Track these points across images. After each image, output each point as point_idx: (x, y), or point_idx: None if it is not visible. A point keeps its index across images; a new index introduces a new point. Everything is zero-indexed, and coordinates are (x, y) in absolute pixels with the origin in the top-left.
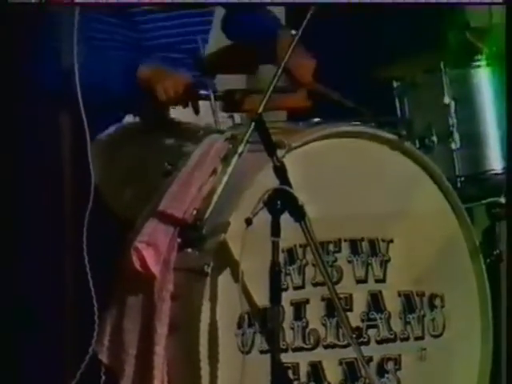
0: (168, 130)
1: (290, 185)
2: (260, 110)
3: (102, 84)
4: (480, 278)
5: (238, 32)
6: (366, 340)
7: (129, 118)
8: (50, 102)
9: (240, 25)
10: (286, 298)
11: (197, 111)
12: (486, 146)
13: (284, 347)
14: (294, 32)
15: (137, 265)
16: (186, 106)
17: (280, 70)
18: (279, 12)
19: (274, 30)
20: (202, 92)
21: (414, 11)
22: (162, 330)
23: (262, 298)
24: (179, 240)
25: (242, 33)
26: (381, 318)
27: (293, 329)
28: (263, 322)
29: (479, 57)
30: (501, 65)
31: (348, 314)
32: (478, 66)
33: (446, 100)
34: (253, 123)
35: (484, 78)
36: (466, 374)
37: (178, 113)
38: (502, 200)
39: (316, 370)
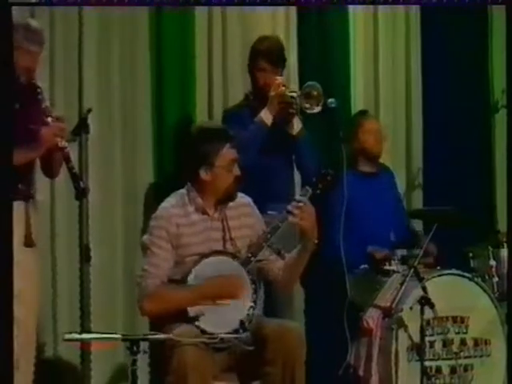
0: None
1: (427, 294)
2: (415, 264)
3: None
4: (506, 335)
5: None
6: (459, 357)
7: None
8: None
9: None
10: (426, 339)
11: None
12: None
13: (425, 359)
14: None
15: (365, 325)
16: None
17: (422, 252)
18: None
19: None
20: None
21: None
22: (375, 353)
23: (416, 339)
24: (382, 315)
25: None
26: (465, 348)
27: (428, 352)
28: (417, 348)
29: (504, 244)
30: None
31: (451, 346)
32: (504, 247)
33: (492, 262)
34: (412, 269)
35: (505, 254)
36: (500, 371)
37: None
38: None
39: (438, 369)
